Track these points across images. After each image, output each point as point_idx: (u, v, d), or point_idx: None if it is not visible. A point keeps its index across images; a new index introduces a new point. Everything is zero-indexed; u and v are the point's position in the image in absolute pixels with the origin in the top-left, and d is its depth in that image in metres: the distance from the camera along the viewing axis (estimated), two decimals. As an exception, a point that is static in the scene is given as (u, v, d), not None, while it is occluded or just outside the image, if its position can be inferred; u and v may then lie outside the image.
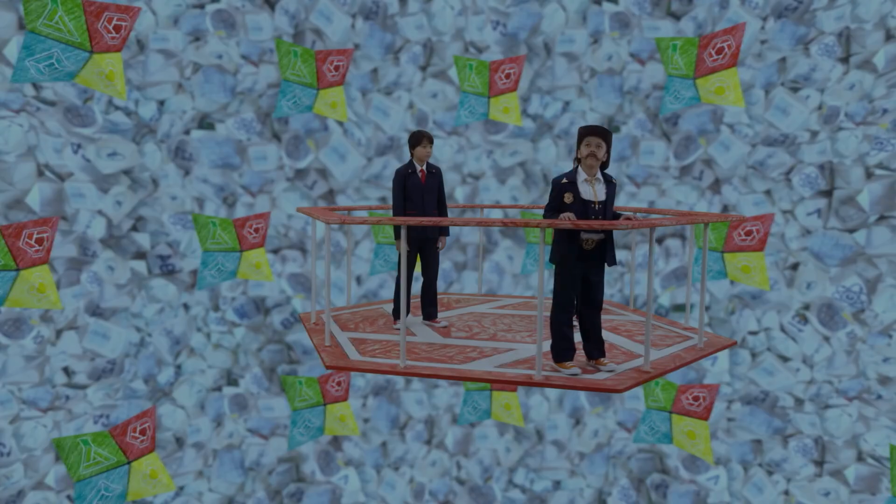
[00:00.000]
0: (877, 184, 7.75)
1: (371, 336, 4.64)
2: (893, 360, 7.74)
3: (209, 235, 5.57)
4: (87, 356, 8.33)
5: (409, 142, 4.96)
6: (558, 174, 3.86)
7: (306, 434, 5.98)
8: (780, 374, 8.07)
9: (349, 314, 5.40)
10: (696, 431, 6.01)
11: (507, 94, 6.18)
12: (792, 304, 8.08)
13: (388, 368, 3.86)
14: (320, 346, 4.34)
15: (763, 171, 8.13)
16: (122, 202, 8.41)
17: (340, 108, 5.68)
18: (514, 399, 6.74)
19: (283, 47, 5.30)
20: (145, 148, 8.43)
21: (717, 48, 5.40)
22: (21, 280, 5.03)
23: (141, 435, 4.88)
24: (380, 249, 6.73)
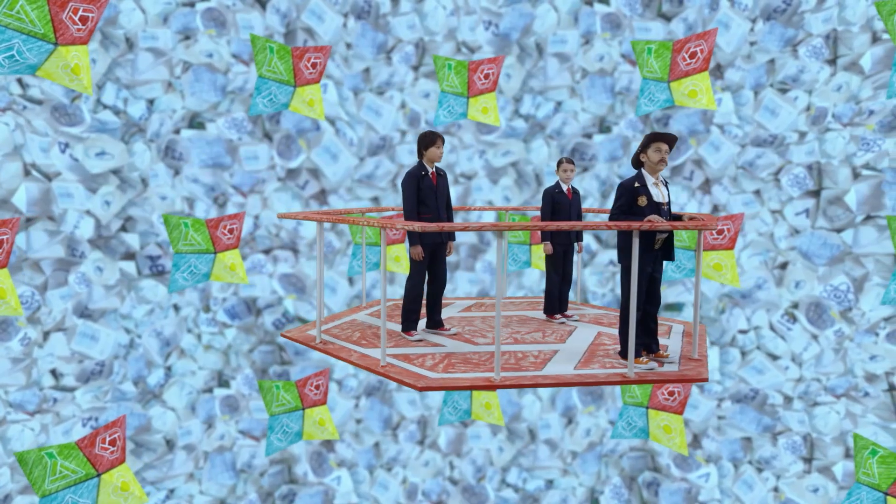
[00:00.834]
0: (863, 184, 7.86)
1: (410, 350, 4.41)
2: (880, 358, 7.85)
3: (181, 237, 5.41)
4: (76, 358, 8.23)
5: (422, 142, 4.65)
6: (626, 178, 4.15)
7: (284, 439, 5.83)
8: (769, 373, 8.16)
9: (341, 327, 5.35)
10: (672, 426, 6.10)
11: (486, 95, 6.16)
12: (781, 302, 8.18)
13: (484, 383, 3.65)
14: (393, 369, 4.08)
15: (752, 172, 8.22)
16: (111, 202, 8.31)
17: (318, 106, 5.51)
18: (494, 398, 6.75)
19: (259, 43, 5.18)
20: (134, 147, 8.33)
21: (690, 52, 5.52)
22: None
23: (111, 445, 4.65)
24: (357, 250, 6.49)
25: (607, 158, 8.49)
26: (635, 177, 4.18)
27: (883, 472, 4.22)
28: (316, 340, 4.43)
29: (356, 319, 5.78)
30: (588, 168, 8.54)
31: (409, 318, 4.73)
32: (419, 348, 4.45)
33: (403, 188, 4.61)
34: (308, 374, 8.57)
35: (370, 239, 6.50)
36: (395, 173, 8.65)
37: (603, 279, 8.58)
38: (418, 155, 4.75)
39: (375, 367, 4.04)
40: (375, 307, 6.51)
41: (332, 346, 4.67)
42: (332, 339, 4.86)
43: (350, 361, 4.24)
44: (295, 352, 8.58)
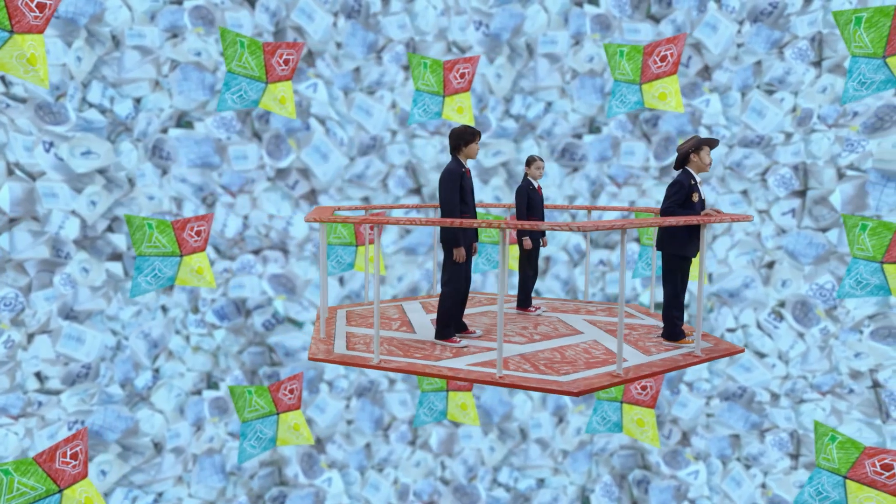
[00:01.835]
0: (848, 184, 7.99)
1: (487, 357, 4.24)
2: (864, 356, 7.99)
3: (144, 238, 5.14)
4: (61, 360, 8.10)
5: (461, 138, 4.42)
6: (683, 176, 4.48)
7: (258, 446, 5.64)
8: (756, 371, 8.27)
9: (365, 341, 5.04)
10: (644, 419, 6.21)
11: (461, 94, 6.12)
12: (768, 301, 8.29)
13: (610, 381, 3.69)
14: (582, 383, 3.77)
15: (740, 172, 8.32)
16: (97, 202, 8.19)
17: (289, 104, 5.32)
18: (470, 398, 6.72)
19: (229, 37, 5.01)
20: (121, 147, 8.22)
21: (661, 56, 5.63)
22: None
23: (72, 459, 4.36)
24: (331, 251, 6.34)
25: (597, 158, 8.54)
26: (687, 175, 4.49)
27: (842, 457, 4.37)
28: (374, 361, 4.11)
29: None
30: (578, 168, 8.59)
31: (449, 325, 4.49)
32: (487, 355, 4.28)
33: (446, 186, 4.32)
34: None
35: (345, 239, 6.36)
36: (386, 173, 8.63)
37: (593, 279, 8.64)
38: (455, 150, 4.45)
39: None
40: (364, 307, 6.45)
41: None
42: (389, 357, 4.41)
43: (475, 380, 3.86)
44: (285, 353, 8.53)
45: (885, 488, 4.15)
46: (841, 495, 4.39)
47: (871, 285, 4.65)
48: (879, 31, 4.05)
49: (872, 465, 4.25)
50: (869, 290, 4.67)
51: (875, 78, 4.12)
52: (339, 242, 6.44)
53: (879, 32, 4.05)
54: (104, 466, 8.09)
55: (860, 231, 4.68)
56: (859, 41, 4.13)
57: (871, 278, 4.66)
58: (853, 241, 4.74)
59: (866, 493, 4.26)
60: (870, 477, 4.24)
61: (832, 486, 4.42)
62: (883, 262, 4.59)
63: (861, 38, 4.11)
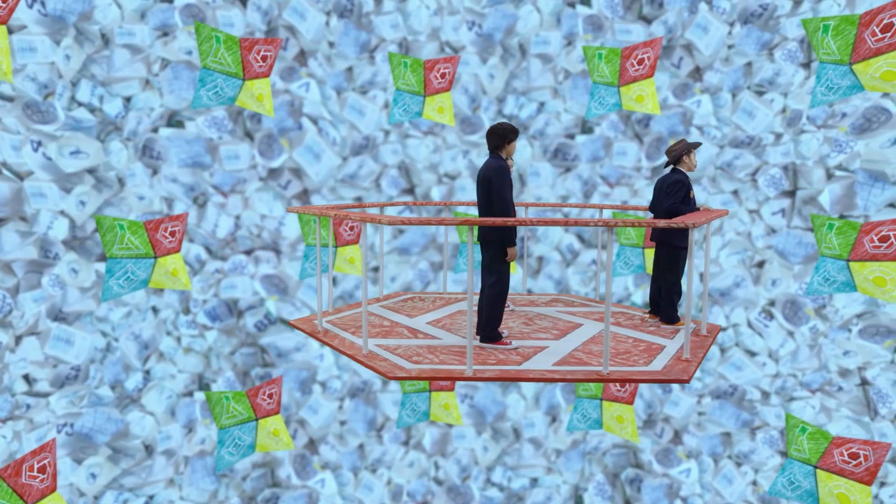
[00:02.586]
0: (836, 184, 8.09)
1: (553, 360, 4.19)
2: (853, 354, 8.09)
3: (115, 240, 4.95)
4: (50, 363, 8.00)
5: (504, 135, 4.32)
6: (681, 175, 4.95)
7: (236, 453, 5.49)
8: (747, 369, 8.34)
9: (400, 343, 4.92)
10: (624, 416, 6.28)
11: (442, 94, 6.09)
12: (758, 300, 8.36)
13: (679, 377, 3.76)
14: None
15: (730, 172, 8.39)
16: (86, 202, 8.10)
17: (267, 101, 5.20)
18: (452, 398, 6.70)
19: (204, 31, 4.88)
20: (110, 146, 8.13)
21: (637, 59, 5.71)
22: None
23: (40, 473, 4.16)
24: (310, 251, 6.20)
25: (590, 159, 8.58)
26: (683, 174, 4.99)
27: (812, 447, 4.52)
28: (468, 372, 3.95)
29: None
30: (571, 168, 8.62)
31: (497, 326, 4.37)
32: (551, 354, 4.29)
33: (500, 183, 4.17)
34: (291, 376, 8.48)
35: (323, 240, 6.25)
36: (379, 173, 8.61)
37: (586, 278, 8.67)
38: (496, 147, 4.33)
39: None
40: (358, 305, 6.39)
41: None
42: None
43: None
44: (277, 354, 8.48)
45: (853, 476, 4.30)
46: (812, 484, 4.52)
47: (839, 282, 4.82)
48: (845, 38, 4.18)
49: (841, 454, 4.40)
50: (836, 286, 4.83)
51: (842, 83, 4.26)
52: (322, 244, 6.36)
53: (846, 40, 4.18)
54: (94, 469, 8.00)
55: (827, 230, 4.85)
56: (827, 48, 4.27)
57: (837, 275, 4.83)
58: (821, 240, 4.92)
59: (836, 482, 4.40)
60: (838, 466, 4.39)
61: (803, 475, 4.57)
62: (849, 260, 4.75)
63: (829, 45, 4.24)
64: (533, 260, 8.73)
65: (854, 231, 4.69)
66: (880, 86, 4.11)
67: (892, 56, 4.01)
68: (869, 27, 4.06)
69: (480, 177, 4.32)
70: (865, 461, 4.30)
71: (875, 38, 4.04)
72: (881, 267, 4.58)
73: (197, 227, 8.35)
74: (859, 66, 4.17)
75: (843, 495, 4.37)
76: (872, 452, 4.27)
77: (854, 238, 4.69)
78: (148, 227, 5.15)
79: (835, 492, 4.42)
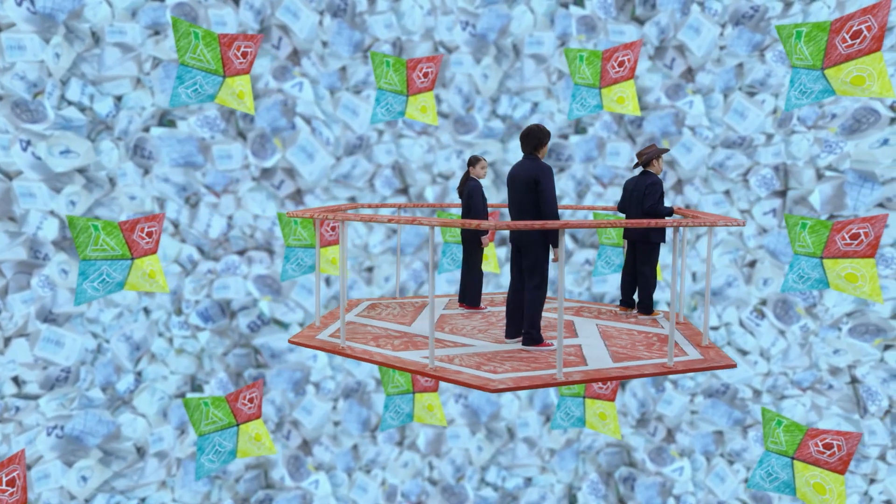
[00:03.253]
0: (826, 185, 8.17)
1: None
2: (843, 352, 8.18)
3: (90, 241, 4.75)
4: (39, 364, 7.90)
5: (543, 137, 4.36)
6: (655, 177, 5.32)
7: (217, 460, 5.36)
8: (739, 367, 8.41)
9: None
10: (606, 413, 6.36)
11: (425, 94, 6.05)
12: (750, 299, 8.43)
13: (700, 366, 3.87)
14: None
15: (722, 172, 8.45)
16: (77, 202, 8.02)
17: (248, 99, 5.06)
18: (436, 399, 6.66)
19: (182, 27, 4.74)
20: (101, 145, 8.05)
21: (618, 61, 5.79)
22: None
23: (9, 486, 4.00)
24: (291, 253, 6.10)
25: (583, 159, 8.61)
26: (657, 176, 5.33)
27: (789, 439, 4.65)
28: (428, 367, 3.95)
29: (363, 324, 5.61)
30: (564, 168, 8.65)
31: (539, 328, 4.40)
32: (595, 350, 4.38)
33: (551, 184, 4.21)
34: (284, 378, 8.44)
35: (305, 241, 6.17)
36: (373, 173, 8.59)
37: (580, 278, 8.70)
38: (533, 150, 4.37)
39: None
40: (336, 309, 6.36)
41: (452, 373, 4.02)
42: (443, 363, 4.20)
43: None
44: (271, 354, 8.44)
45: (827, 466, 4.45)
46: (789, 475, 4.65)
47: (812, 279, 4.99)
48: (818, 44, 4.31)
49: (815, 445, 4.53)
50: (810, 283, 5.00)
51: (814, 88, 4.38)
52: (299, 244, 6.18)
53: (818, 46, 4.31)
54: (85, 472, 7.92)
55: (801, 229, 4.99)
56: (800, 53, 4.39)
57: (811, 273, 4.99)
58: (794, 238, 5.05)
59: (811, 472, 4.54)
60: (814, 456, 4.53)
61: (781, 467, 4.69)
62: (822, 258, 4.91)
63: (801, 50, 4.37)
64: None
65: (826, 230, 4.85)
66: (850, 90, 4.27)
67: (861, 62, 4.17)
68: (839, 34, 4.21)
69: (524, 178, 4.27)
70: (839, 451, 4.45)
71: (845, 45, 4.20)
72: (852, 264, 4.77)
73: (189, 227, 8.29)
74: (831, 71, 4.30)
75: (818, 485, 4.51)
76: (845, 442, 4.43)
77: (826, 236, 4.85)
78: (123, 227, 4.97)
79: (811, 482, 4.56)
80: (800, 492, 4.62)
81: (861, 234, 4.72)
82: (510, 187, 4.41)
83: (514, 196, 4.36)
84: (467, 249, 5.65)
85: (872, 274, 4.72)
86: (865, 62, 4.18)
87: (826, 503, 4.47)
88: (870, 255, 4.70)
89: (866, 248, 4.72)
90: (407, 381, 6.42)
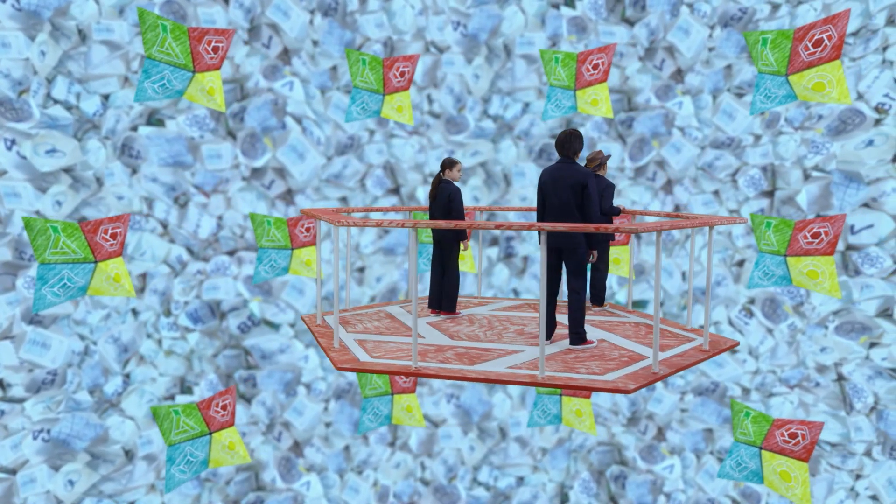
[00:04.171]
0: (813, 185, 8.28)
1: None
2: (829, 350, 8.29)
3: (48, 244, 4.51)
4: (25, 367, 7.78)
5: (581, 142, 4.50)
6: (607, 181, 5.52)
7: (188, 470, 5.14)
8: (728, 366, 8.49)
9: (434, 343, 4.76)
10: (582, 409, 6.44)
11: (401, 93, 6.00)
12: (738, 298, 8.52)
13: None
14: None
15: (711, 173, 8.53)
16: (63, 202, 7.90)
17: (218, 95, 4.89)
18: (415, 400, 6.59)
19: (148, 19, 4.55)
20: (88, 145, 7.94)
21: (593, 64, 5.87)
22: None
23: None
24: (264, 254, 5.95)
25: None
26: (607, 179, 5.63)
27: (756, 430, 4.83)
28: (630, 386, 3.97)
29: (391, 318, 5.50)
30: (555, 168, 8.68)
31: (584, 327, 4.61)
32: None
33: (594, 188, 4.39)
34: (275, 379, 8.38)
35: (279, 242, 6.01)
36: (364, 173, 8.56)
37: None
38: (573, 154, 4.48)
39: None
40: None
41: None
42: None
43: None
44: (261, 356, 8.37)
45: (793, 454, 4.68)
46: (757, 465, 4.84)
47: (777, 276, 5.17)
48: (782, 51, 4.47)
49: (782, 434, 4.74)
50: (774, 280, 5.19)
51: (778, 93, 4.55)
52: (273, 246, 6.05)
53: (782, 53, 4.47)
54: (72, 476, 7.80)
55: (766, 228, 5.17)
56: (765, 60, 4.54)
57: (776, 270, 5.17)
58: (760, 237, 5.22)
59: (778, 461, 4.74)
60: (780, 445, 4.73)
61: (749, 457, 4.86)
62: (786, 256, 5.10)
63: (767, 57, 4.52)
64: (518, 260, 8.77)
65: (789, 228, 5.07)
66: (811, 95, 4.48)
67: (822, 69, 4.38)
68: (802, 41, 4.40)
69: (570, 182, 4.35)
70: (803, 440, 4.66)
71: (808, 52, 4.38)
72: (814, 261, 5.00)
73: (178, 227, 8.21)
74: (794, 77, 4.47)
75: (784, 472, 4.71)
76: (808, 431, 4.65)
77: (790, 235, 5.06)
78: (85, 229, 4.70)
79: (777, 470, 4.76)
80: (767, 480, 4.82)
81: (821, 233, 4.94)
82: (548, 190, 4.46)
83: (556, 199, 4.42)
84: (444, 252, 5.52)
85: (832, 271, 4.97)
86: (826, 69, 4.38)
87: (791, 489, 4.70)
88: (829, 253, 4.96)
89: (826, 246, 4.95)
90: (385, 383, 6.31)
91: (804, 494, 4.64)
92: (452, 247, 5.46)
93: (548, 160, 8.65)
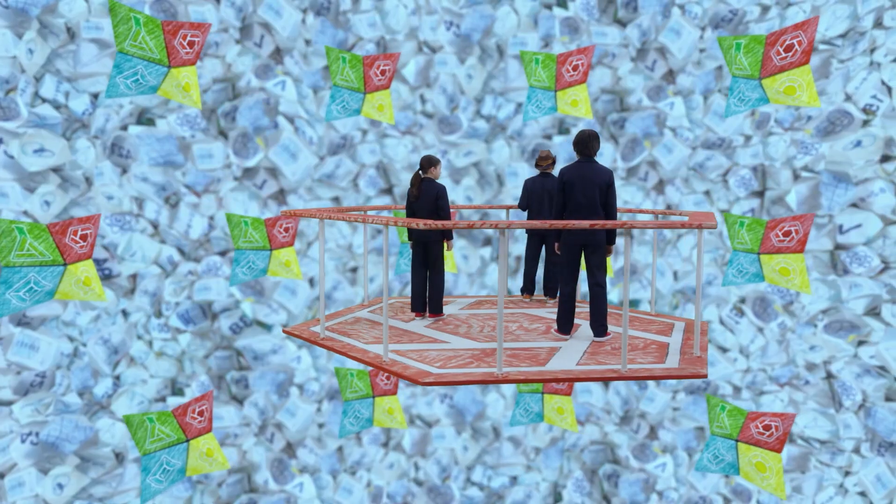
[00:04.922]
0: (803, 185, 8.37)
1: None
2: (818, 348, 8.38)
3: (14, 246, 4.35)
4: (13, 369, 7.67)
5: (599, 143, 4.61)
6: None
7: (164, 479, 5.02)
8: (719, 364, 8.56)
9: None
10: (564, 407, 6.51)
11: (382, 92, 5.96)
12: (729, 298, 8.59)
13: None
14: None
15: (703, 173, 8.59)
16: (51, 202, 7.80)
17: (194, 92, 4.77)
18: (396, 402, 6.53)
19: (121, 12, 4.40)
20: (77, 144, 7.85)
21: (573, 65, 5.93)
22: None
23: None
24: (241, 256, 5.82)
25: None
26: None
27: (732, 423, 4.98)
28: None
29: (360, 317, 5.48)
30: (548, 169, 8.70)
31: (565, 322, 4.87)
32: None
33: (615, 186, 4.60)
34: (267, 380, 8.33)
35: (257, 243, 5.90)
36: (357, 172, 8.53)
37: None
38: (594, 153, 4.58)
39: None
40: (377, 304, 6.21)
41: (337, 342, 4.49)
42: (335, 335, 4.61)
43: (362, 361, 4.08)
44: (253, 356, 8.32)
45: (767, 446, 4.83)
46: (733, 457, 4.98)
47: (750, 273, 5.30)
48: (755, 56, 4.59)
49: (756, 426, 4.88)
50: (748, 277, 5.32)
51: (752, 96, 4.66)
52: (251, 247, 5.91)
53: (755, 57, 4.59)
54: (61, 479, 7.70)
55: (739, 227, 5.32)
56: (739, 64, 4.65)
57: (749, 268, 5.30)
58: (734, 235, 5.35)
59: (753, 452, 4.88)
60: (755, 437, 4.87)
61: (726, 449, 4.99)
62: (759, 253, 5.24)
63: (740, 61, 4.63)
64: (511, 259, 8.78)
65: (761, 227, 5.20)
66: (783, 98, 4.59)
67: (792, 73, 4.51)
68: (774, 46, 4.52)
69: (597, 181, 4.48)
70: (776, 431, 4.79)
71: (779, 57, 4.50)
72: (785, 259, 5.15)
73: (169, 227, 8.13)
74: (767, 81, 4.58)
75: (759, 463, 4.85)
76: (781, 423, 4.80)
77: (762, 234, 5.18)
78: (53, 230, 4.51)
79: (753, 461, 4.88)
80: (743, 471, 4.94)
81: (792, 232, 5.07)
82: (576, 188, 4.52)
83: (583, 197, 4.49)
84: (430, 253, 5.37)
85: (802, 268, 5.12)
86: (796, 73, 4.49)
87: (766, 479, 4.83)
88: (799, 251, 5.10)
89: (796, 244, 5.09)
90: (366, 385, 6.23)
91: (778, 484, 4.78)
92: (439, 247, 5.38)
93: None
